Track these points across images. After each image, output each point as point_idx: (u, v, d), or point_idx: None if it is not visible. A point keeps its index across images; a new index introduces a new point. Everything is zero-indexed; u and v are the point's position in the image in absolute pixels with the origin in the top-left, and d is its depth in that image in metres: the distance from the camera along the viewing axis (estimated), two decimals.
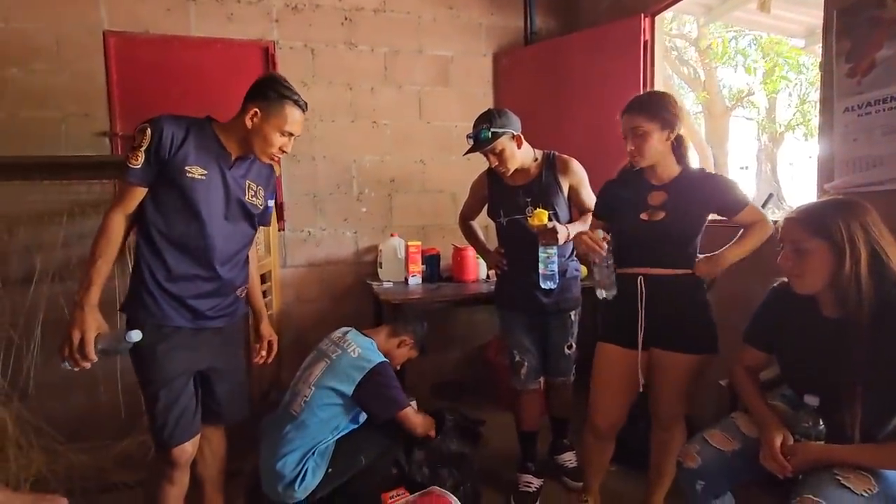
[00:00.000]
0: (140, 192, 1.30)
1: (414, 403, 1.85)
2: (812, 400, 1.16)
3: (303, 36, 2.62)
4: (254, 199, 1.46)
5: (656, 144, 1.41)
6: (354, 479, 1.61)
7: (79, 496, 1.77)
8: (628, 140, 1.44)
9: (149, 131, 1.27)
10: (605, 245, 1.42)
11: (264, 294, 2.28)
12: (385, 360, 1.70)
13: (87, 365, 1.21)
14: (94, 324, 1.21)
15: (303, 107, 1.40)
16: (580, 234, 1.47)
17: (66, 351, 1.19)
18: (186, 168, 1.31)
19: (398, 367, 1.91)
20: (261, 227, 1.57)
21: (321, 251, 2.75)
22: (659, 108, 1.41)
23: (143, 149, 1.27)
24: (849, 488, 0.98)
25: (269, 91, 1.35)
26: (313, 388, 1.61)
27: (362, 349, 1.68)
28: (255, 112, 1.34)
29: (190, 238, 1.34)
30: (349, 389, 1.60)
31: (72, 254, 2.20)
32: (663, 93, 1.48)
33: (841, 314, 1.11)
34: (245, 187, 1.43)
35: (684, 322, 1.45)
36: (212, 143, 1.37)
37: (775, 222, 1.33)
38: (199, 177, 1.33)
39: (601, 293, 1.49)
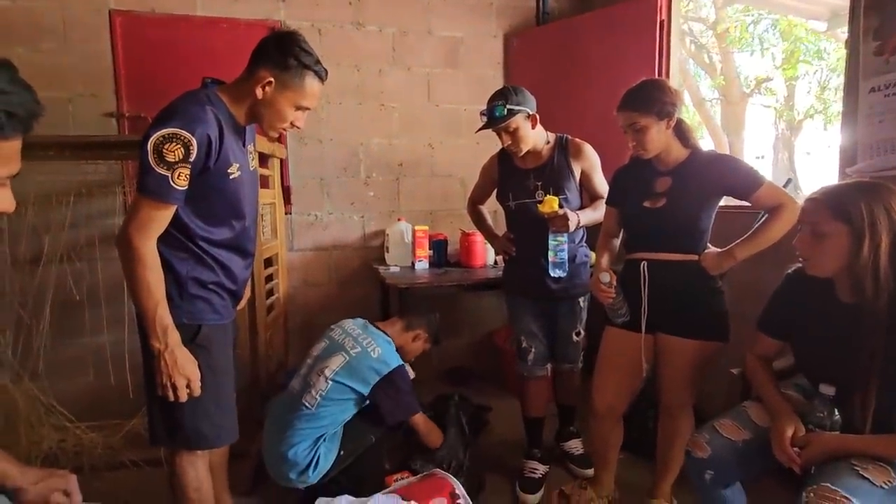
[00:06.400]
0: (174, 210, 1.13)
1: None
2: (827, 389, 1.12)
3: (309, 15, 2.57)
4: (254, 162, 1.36)
5: (656, 136, 1.40)
6: (360, 461, 1.61)
7: (88, 473, 1.79)
8: (628, 135, 1.43)
9: (194, 143, 1.07)
10: (614, 290, 1.46)
11: (271, 277, 2.29)
12: (402, 363, 1.68)
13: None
14: (193, 363, 1.15)
15: (323, 77, 1.22)
16: (592, 281, 1.52)
17: (172, 396, 1.13)
18: (229, 171, 1.17)
19: (412, 360, 1.89)
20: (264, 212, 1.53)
21: (328, 235, 2.74)
22: (652, 99, 1.38)
23: (189, 166, 1.08)
24: (868, 479, 0.94)
25: (289, 58, 1.15)
26: (329, 383, 1.58)
27: (382, 350, 1.65)
28: (270, 81, 1.15)
29: (238, 237, 1.27)
30: (365, 390, 1.60)
31: (79, 234, 2.21)
32: (656, 80, 1.46)
33: (858, 300, 1.07)
34: (248, 155, 1.31)
35: (691, 307, 1.43)
36: (230, 123, 1.19)
37: None
38: (238, 173, 1.20)
39: (612, 319, 1.54)
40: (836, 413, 1.11)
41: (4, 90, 0.58)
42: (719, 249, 1.42)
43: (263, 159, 2.09)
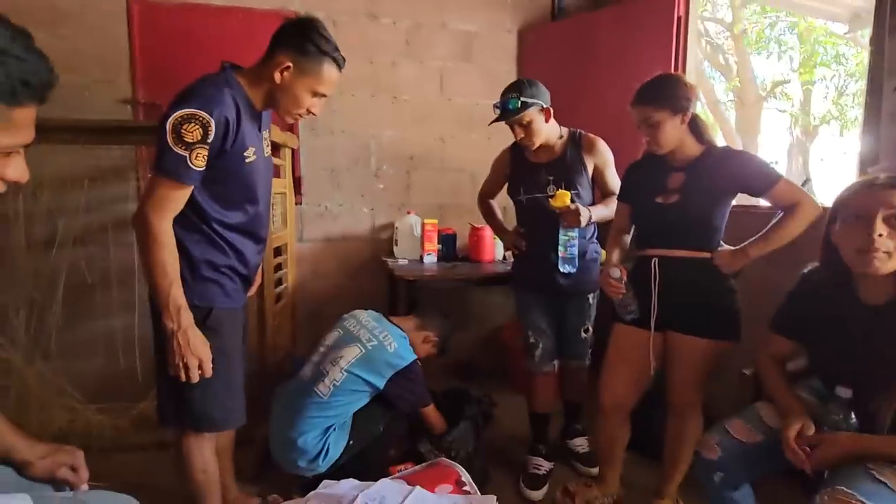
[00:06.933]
0: (190, 190, 1.13)
1: None
2: (844, 392, 1.09)
3: (324, 6, 2.56)
4: (268, 148, 1.36)
5: (671, 131, 1.37)
6: (366, 450, 1.62)
7: (96, 453, 1.80)
8: (642, 130, 1.40)
9: (212, 124, 1.07)
10: (624, 285, 1.44)
11: (280, 267, 2.29)
12: (416, 358, 1.70)
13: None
14: (205, 345, 1.15)
15: (341, 64, 1.23)
16: (602, 276, 1.50)
17: (184, 375, 1.13)
18: (245, 155, 1.18)
19: None
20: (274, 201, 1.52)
21: (337, 226, 2.74)
22: (666, 94, 1.36)
23: (207, 147, 1.08)
24: (885, 483, 0.91)
25: (308, 43, 1.16)
26: (344, 374, 1.59)
27: (398, 345, 1.67)
28: (288, 66, 1.16)
29: (251, 221, 1.28)
30: (381, 383, 1.61)
31: (93, 219, 2.22)
32: (670, 75, 1.44)
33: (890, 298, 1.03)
34: (263, 141, 1.31)
35: (702, 305, 1.40)
36: (247, 108, 1.20)
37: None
38: (254, 157, 1.21)
39: (621, 315, 1.51)
40: (853, 416, 1.08)
41: (20, 57, 0.58)
42: (732, 247, 1.39)
43: (275, 149, 2.08)
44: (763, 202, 1.44)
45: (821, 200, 1.40)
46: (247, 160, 1.20)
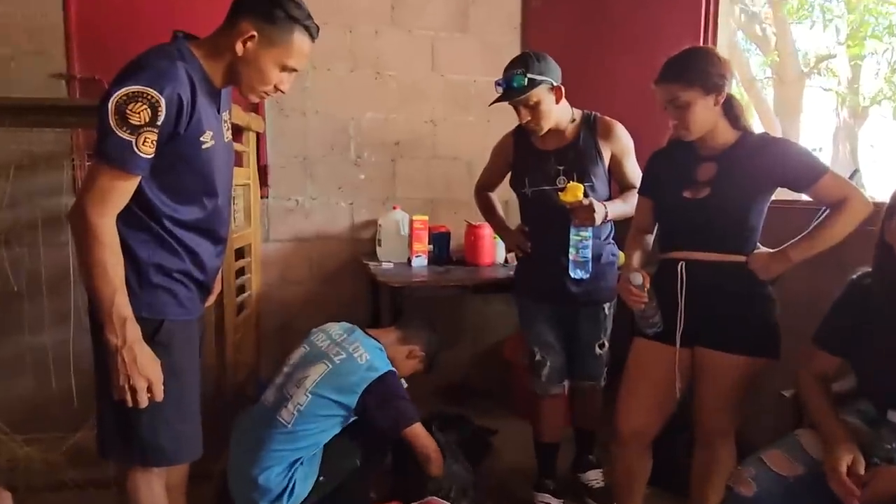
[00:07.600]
0: (137, 181, 1.12)
1: None
2: None
3: None
4: (228, 132, 1.36)
5: (702, 113, 1.38)
6: (342, 488, 1.61)
7: (24, 493, 1.79)
8: (669, 113, 1.41)
9: (162, 104, 1.06)
10: (647, 293, 1.43)
11: (242, 271, 2.29)
12: (393, 369, 1.70)
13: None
14: (155, 363, 1.13)
15: (314, 34, 1.23)
16: (621, 283, 1.48)
17: (129, 399, 1.11)
18: (202, 139, 1.18)
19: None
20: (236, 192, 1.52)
21: (310, 224, 2.75)
22: (697, 69, 1.36)
23: (156, 130, 1.07)
24: None
25: (276, 9, 1.15)
26: (309, 396, 1.58)
27: (370, 355, 1.67)
28: (252, 35, 1.15)
29: (209, 218, 1.27)
30: (352, 401, 1.60)
31: (19, 214, 2.21)
32: (702, 48, 1.46)
33: None
34: (223, 123, 1.31)
35: (736, 317, 1.42)
36: (204, 84, 1.19)
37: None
38: (211, 142, 1.21)
39: (642, 329, 1.52)
40: None
41: None
42: (771, 250, 1.41)
43: (237, 132, 2.09)
44: (805, 197, 1.46)
45: (871, 195, 1.43)
46: (203, 146, 1.20)
